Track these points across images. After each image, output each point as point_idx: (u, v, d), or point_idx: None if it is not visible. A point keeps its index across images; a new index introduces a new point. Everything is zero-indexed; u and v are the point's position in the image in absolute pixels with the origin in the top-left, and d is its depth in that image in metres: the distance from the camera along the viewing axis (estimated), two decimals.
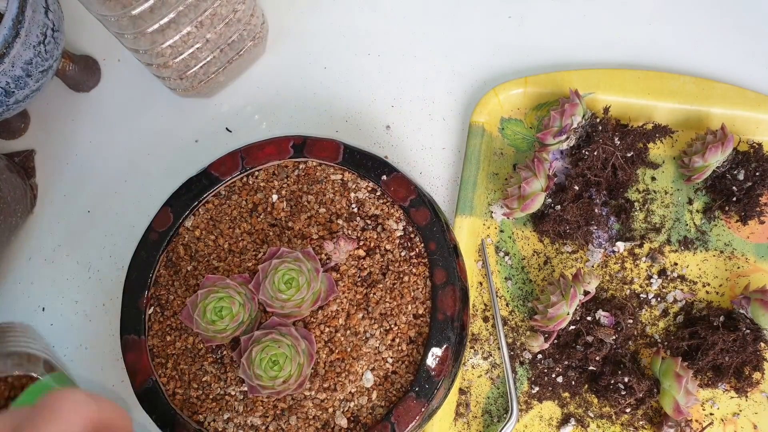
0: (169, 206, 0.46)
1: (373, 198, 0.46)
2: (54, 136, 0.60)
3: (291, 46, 0.60)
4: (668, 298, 0.50)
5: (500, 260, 0.52)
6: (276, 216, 0.46)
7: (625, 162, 0.51)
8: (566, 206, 0.50)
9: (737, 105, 0.52)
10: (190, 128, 0.59)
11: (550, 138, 0.51)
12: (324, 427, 0.42)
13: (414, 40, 0.59)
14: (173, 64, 0.50)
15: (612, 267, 0.51)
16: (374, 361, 0.42)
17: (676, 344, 0.48)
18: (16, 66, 0.47)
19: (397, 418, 0.41)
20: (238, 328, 0.42)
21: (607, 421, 0.48)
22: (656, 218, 0.52)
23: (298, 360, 0.40)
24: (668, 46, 0.57)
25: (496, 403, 0.49)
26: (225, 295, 0.41)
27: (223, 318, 0.41)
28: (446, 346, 0.42)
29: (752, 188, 0.50)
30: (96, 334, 0.54)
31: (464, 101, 0.57)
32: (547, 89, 0.54)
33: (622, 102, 0.53)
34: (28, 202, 0.56)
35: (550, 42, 0.58)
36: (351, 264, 0.44)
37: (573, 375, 0.49)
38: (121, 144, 0.59)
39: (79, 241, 0.56)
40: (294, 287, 0.41)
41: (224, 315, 0.41)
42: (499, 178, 0.54)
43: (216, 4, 0.48)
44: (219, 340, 0.42)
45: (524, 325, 0.51)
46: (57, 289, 0.55)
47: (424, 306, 0.43)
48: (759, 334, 0.46)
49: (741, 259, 0.51)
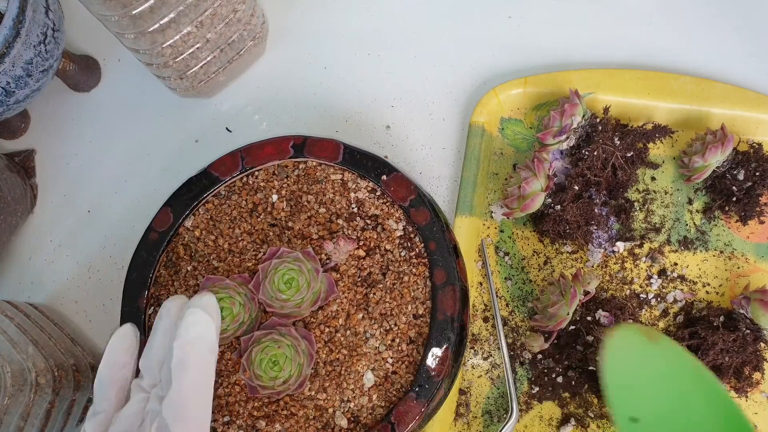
0: (169, 206, 0.46)
1: (373, 198, 0.46)
2: (54, 136, 0.60)
3: (291, 46, 0.60)
4: (668, 298, 0.50)
5: (500, 260, 0.52)
6: (276, 216, 0.46)
7: (625, 162, 0.51)
8: (566, 206, 0.50)
9: (737, 105, 0.52)
10: (190, 128, 0.59)
11: (550, 138, 0.51)
12: (324, 427, 0.42)
13: (414, 40, 0.59)
14: (173, 64, 0.50)
15: (612, 267, 0.51)
16: (374, 362, 0.42)
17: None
18: (17, 66, 0.47)
19: (397, 418, 0.41)
20: (239, 329, 0.42)
21: (608, 421, 0.48)
22: (656, 218, 0.52)
23: (298, 360, 0.40)
24: (668, 46, 0.57)
25: (496, 403, 0.49)
26: (225, 295, 0.41)
27: (224, 319, 0.41)
28: (446, 347, 0.42)
29: (752, 188, 0.50)
30: (96, 335, 0.54)
31: (464, 101, 0.57)
32: (547, 89, 0.54)
33: (622, 102, 0.53)
34: (28, 202, 0.56)
35: (550, 42, 0.58)
36: (351, 264, 0.44)
37: (573, 375, 0.49)
38: (121, 144, 0.59)
39: (79, 241, 0.56)
40: (294, 287, 0.41)
41: (224, 316, 0.41)
42: (499, 178, 0.54)
43: (216, 4, 0.48)
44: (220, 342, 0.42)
45: (524, 325, 0.51)
46: (57, 289, 0.55)
47: (424, 306, 0.43)
48: (759, 334, 0.46)
49: (741, 259, 0.51)
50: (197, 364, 0.36)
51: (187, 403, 0.35)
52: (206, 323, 0.37)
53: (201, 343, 0.36)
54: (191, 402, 0.35)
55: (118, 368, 0.39)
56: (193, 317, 0.37)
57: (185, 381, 0.35)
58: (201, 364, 0.36)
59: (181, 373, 0.35)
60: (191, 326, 0.36)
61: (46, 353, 0.48)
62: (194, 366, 0.35)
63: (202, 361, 0.36)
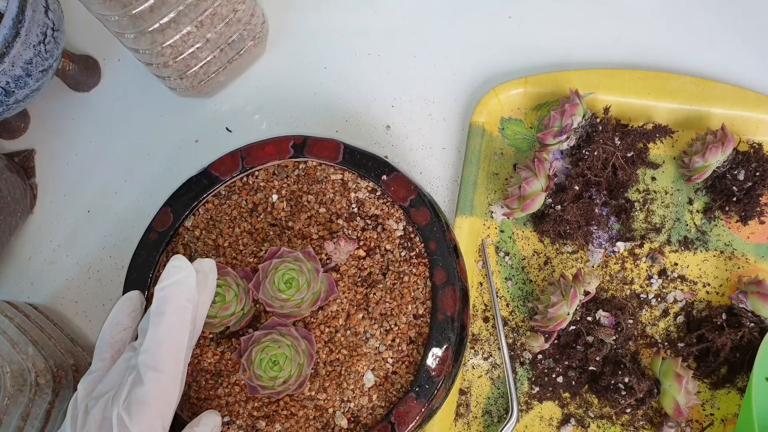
0: (169, 206, 0.46)
1: (373, 198, 0.46)
2: (54, 136, 0.60)
3: (291, 46, 0.60)
4: (668, 298, 0.50)
5: (500, 260, 0.52)
6: (276, 216, 0.46)
7: (625, 162, 0.51)
8: (566, 206, 0.50)
9: (737, 105, 0.52)
10: (190, 128, 0.59)
11: (551, 138, 0.51)
12: (324, 427, 0.42)
13: (414, 40, 0.59)
14: (173, 64, 0.50)
15: (612, 267, 0.51)
16: (374, 362, 0.42)
17: (687, 351, 0.48)
18: (16, 65, 0.47)
19: (398, 418, 0.41)
20: (228, 318, 0.41)
21: (608, 421, 0.48)
22: (656, 218, 0.52)
23: (298, 360, 0.40)
24: (668, 46, 0.57)
25: (496, 403, 0.49)
26: (223, 282, 0.41)
27: (215, 303, 0.41)
28: (446, 347, 0.42)
29: (752, 188, 0.50)
30: (96, 335, 0.54)
31: (464, 101, 0.57)
32: (547, 89, 0.54)
33: (622, 102, 0.53)
34: (28, 202, 0.56)
35: (550, 42, 0.58)
36: (351, 264, 0.44)
37: (573, 375, 0.49)
38: (122, 144, 0.59)
39: (79, 241, 0.56)
40: (294, 287, 0.41)
41: (216, 301, 0.41)
42: (499, 178, 0.54)
43: (216, 4, 0.48)
44: (209, 328, 0.42)
45: (524, 325, 0.51)
46: (57, 289, 0.55)
47: (425, 306, 0.43)
48: (764, 326, 0.47)
49: (741, 259, 0.51)
50: (173, 310, 0.36)
51: (161, 348, 0.35)
52: (187, 270, 0.37)
53: (179, 289, 0.36)
54: (164, 348, 0.35)
55: (119, 330, 0.39)
56: (176, 262, 0.37)
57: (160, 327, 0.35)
58: (177, 310, 0.36)
59: (157, 319, 0.36)
60: (172, 270, 0.37)
61: (46, 353, 0.48)
62: (170, 312, 0.36)
63: (179, 307, 0.36)
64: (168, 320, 0.36)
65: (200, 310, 0.39)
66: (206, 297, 0.39)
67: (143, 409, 0.34)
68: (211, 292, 0.40)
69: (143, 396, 0.34)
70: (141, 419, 0.33)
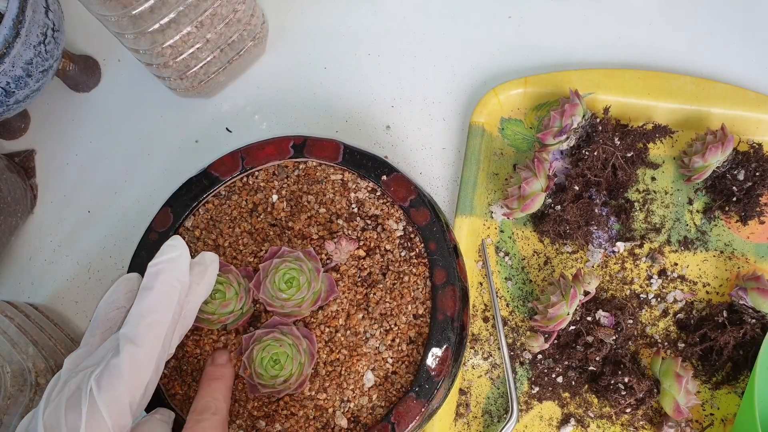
0: (169, 206, 0.46)
1: (373, 198, 0.46)
2: (54, 136, 0.60)
3: (291, 46, 0.60)
4: (668, 298, 0.50)
5: (500, 260, 0.52)
6: (276, 216, 0.46)
7: (625, 162, 0.51)
8: (566, 206, 0.50)
9: (737, 105, 0.52)
10: (190, 128, 0.59)
11: (550, 138, 0.51)
12: (324, 427, 0.42)
13: (414, 40, 0.59)
14: (173, 64, 0.50)
15: (612, 267, 0.51)
16: (374, 362, 0.42)
17: (689, 351, 0.48)
18: (17, 66, 0.47)
19: (397, 418, 0.41)
20: (227, 315, 0.41)
21: (607, 421, 0.48)
22: (656, 218, 0.52)
23: (299, 359, 0.40)
24: (668, 46, 0.57)
25: (496, 403, 0.49)
26: (224, 279, 0.41)
27: (214, 299, 0.41)
28: (446, 347, 0.42)
29: (752, 188, 0.50)
30: None
31: (464, 101, 0.57)
32: (547, 89, 0.54)
33: (622, 102, 0.53)
34: (28, 202, 0.56)
35: (550, 42, 0.58)
36: (351, 264, 0.44)
37: (573, 375, 0.49)
38: (122, 144, 0.59)
39: (79, 241, 0.56)
40: (294, 287, 0.41)
41: (216, 297, 0.41)
42: (499, 178, 0.54)
43: (216, 4, 0.48)
44: (206, 324, 0.42)
45: (524, 325, 0.51)
46: (57, 289, 0.55)
47: (424, 306, 0.43)
48: (765, 321, 0.47)
49: (741, 260, 0.51)
50: (161, 288, 0.36)
51: (141, 322, 0.34)
52: (181, 249, 0.37)
53: (169, 267, 0.36)
54: (145, 322, 0.35)
55: (113, 308, 0.38)
56: (172, 242, 0.37)
57: (145, 301, 0.35)
58: (164, 287, 0.36)
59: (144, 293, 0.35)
60: (166, 249, 0.37)
61: (46, 353, 0.48)
62: (157, 288, 0.35)
63: (167, 285, 0.36)
64: (154, 295, 0.35)
65: (192, 299, 0.38)
66: (202, 288, 0.39)
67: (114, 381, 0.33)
68: (209, 285, 0.39)
69: (115, 368, 0.33)
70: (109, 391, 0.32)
